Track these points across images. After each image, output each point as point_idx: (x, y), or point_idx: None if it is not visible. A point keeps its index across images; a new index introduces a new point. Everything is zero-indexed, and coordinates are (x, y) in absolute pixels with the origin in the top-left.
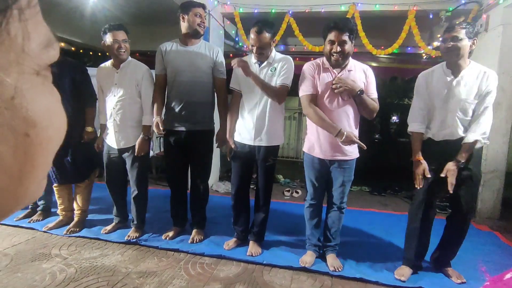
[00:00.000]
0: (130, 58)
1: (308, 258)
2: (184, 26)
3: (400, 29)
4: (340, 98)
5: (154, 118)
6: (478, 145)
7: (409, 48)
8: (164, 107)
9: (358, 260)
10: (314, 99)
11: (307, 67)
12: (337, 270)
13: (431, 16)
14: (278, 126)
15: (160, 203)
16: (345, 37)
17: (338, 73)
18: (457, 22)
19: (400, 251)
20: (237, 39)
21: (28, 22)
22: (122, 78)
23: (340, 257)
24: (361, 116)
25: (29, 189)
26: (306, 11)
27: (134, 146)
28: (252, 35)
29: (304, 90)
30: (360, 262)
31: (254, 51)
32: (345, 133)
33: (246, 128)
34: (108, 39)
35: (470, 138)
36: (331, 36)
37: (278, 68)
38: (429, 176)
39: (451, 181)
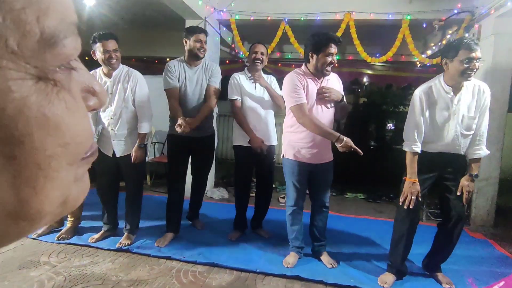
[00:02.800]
0: (121, 65)
1: (291, 259)
2: (187, 49)
3: (394, 37)
4: (323, 105)
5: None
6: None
7: (403, 56)
8: (171, 115)
9: (352, 268)
10: (307, 107)
11: (296, 77)
12: (334, 266)
13: (424, 25)
14: (273, 128)
15: (153, 210)
16: (336, 50)
17: (320, 82)
18: (474, 41)
19: None
20: (233, 45)
21: (24, 12)
22: (116, 87)
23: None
24: (357, 124)
25: (44, 210)
26: (301, 19)
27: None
28: (256, 49)
29: (297, 100)
30: (355, 269)
31: (255, 62)
32: (344, 138)
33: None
34: (98, 49)
35: (482, 153)
36: (331, 49)
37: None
38: (420, 200)
39: (466, 196)
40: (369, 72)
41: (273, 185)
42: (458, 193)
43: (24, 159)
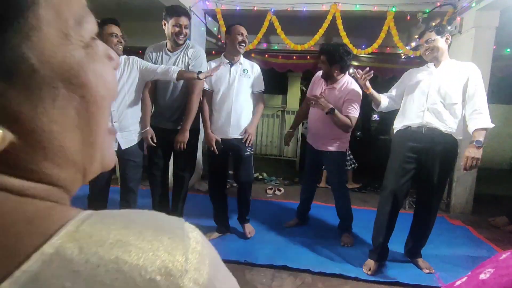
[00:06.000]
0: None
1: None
2: (166, 32)
3: (379, 29)
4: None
5: (147, 128)
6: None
7: (388, 48)
8: (152, 106)
9: (338, 256)
10: (308, 101)
11: (314, 76)
12: (347, 245)
13: (408, 18)
14: (249, 119)
15: (143, 202)
16: (323, 58)
17: (326, 86)
18: (431, 25)
19: None
20: (219, 36)
21: (61, 6)
22: (121, 76)
23: (321, 253)
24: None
25: (102, 146)
26: (288, 9)
27: (135, 145)
28: (241, 31)
29: (307, 92)
30: (340, 258)
31: (241, 46)
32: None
33: (223, 124)
34: (106, 32)
35: (484, 124)
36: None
37: (251, 73)
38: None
39: (470, 163)
40: (355, 63)
41: (260, 177)
42: (462, 164)
43: (89, 97)
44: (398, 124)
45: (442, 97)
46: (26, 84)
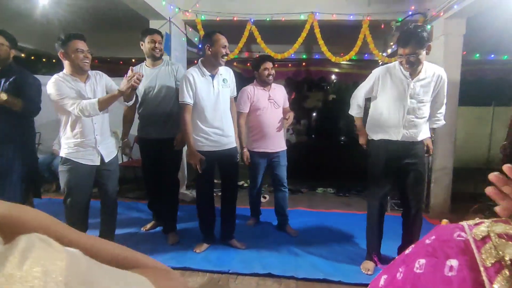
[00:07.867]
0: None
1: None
2: (144, 51)
3: (356, 37)
4: (272, 108)
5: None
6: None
7: (366, 55)
8: (139, 118)
9: (322, 261)
10: (245, 116)
11: (244, 91)
12: (296, 235)
13: (382, 26)
14: (232, 129)
15: (124, 215)
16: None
17: (269, 91)
18: (411, 28)
19: (361, 249)
20: (200, 46)
21: None
22: (94, 90)
23: (304, 259)
24: (327, 120)
25: None
26: (267, 19)
27: (115, 157)
28: (225, 43)
29: (240, 109)
30: (324, 263)
31: (223, 58)
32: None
33: (217, 136)
34: (71, 48)
35: (440, 124)
36: (266, 65)
37: (230, 81)
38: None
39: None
40: (336, 70)
41: (246, 185)
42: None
43: None
44: (373, 135)
45: (417, 113)
46: None
